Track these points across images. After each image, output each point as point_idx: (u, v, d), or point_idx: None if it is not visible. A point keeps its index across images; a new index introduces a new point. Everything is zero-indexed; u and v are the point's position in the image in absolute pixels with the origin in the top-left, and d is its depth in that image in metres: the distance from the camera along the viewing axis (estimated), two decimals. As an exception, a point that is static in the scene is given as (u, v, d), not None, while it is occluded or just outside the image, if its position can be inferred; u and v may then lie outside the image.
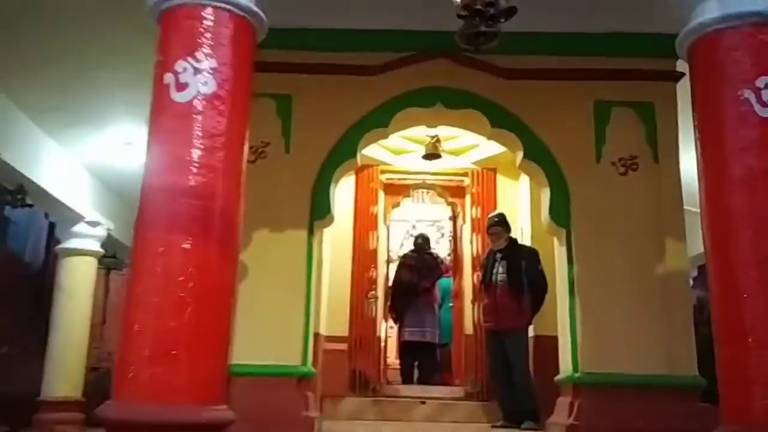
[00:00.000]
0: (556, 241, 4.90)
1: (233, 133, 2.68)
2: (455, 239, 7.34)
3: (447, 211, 8.29)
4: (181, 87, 2.59)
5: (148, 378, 2.34)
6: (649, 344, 4.34)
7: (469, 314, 6.59)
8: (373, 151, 6.72)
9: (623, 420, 4.11)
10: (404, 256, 7.57)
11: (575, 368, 4.41)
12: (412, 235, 9.76)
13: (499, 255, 5.74)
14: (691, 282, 5.34)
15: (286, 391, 4.32)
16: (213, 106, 2.61)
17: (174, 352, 2.37)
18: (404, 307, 7.21)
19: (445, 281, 8.21)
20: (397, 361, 8.07)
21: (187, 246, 2.46)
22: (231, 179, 2.66)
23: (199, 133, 2.57)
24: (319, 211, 4.74)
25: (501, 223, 5.78)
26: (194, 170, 2.54)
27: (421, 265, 7.46)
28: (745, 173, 2.54)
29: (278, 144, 4.79)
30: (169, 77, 2.62)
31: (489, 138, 5.12)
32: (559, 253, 4.79)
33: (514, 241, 5.81)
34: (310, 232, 4.69)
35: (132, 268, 2.49)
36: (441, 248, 9.85)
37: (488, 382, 6.14)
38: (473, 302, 6.54)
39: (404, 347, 7.27)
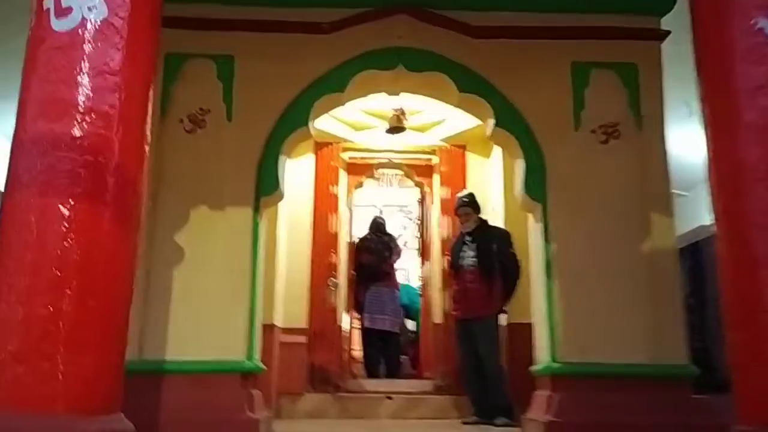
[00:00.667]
0: (531, 218, 4.43)
1: (132, 72, 2.14)
2: (423, 222, 6.85)
3: (415, 196, 7.84)
4: (63, 12, 2.04)
5: (12, 380, 1.80)
6: (635, 330, 3.90)
7: (438, 302, 6.11)
8: (333, 126, 6.22)
9: (607, 415, 3.66)
10: (362, 239, 7.07)
11: (553, 358, 3.95)
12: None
13: (468, 238, 5.29)
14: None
15: (228, 389, 3.79)
16: (104, 36, 2.06)
17: (46, 346, 1.83)
18: (364, 292, 6.74)
19: (414, 292, 7.76)
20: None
21: (66, 211, 1.92)
22: (129, 131, 2.12)
23: (86, 71, 2.02)
24: (266, 187, 4.20)
25: (470, 203, 5.32)
26: (78, 117, 1.99)
27: (380, 247, 6.98)
28: (760, 117, 2.07)
29: (219, 111, 4.24)
30: (48, 0, 2.07)
31: (457, 105, 4.62)
32: (535, 230, 4.32)
33: (484, 222, 5.34)
34: (256, 210, 4.16)
35: (-2, 240, 1.94)
36: (408, 235, 9.40)
37: (459, 374, 5.67)
38: (442, 289, 6.06)
39: (366, 336, 6.77)
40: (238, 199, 4.11)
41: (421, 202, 6.98)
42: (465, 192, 5.45)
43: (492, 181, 6.12)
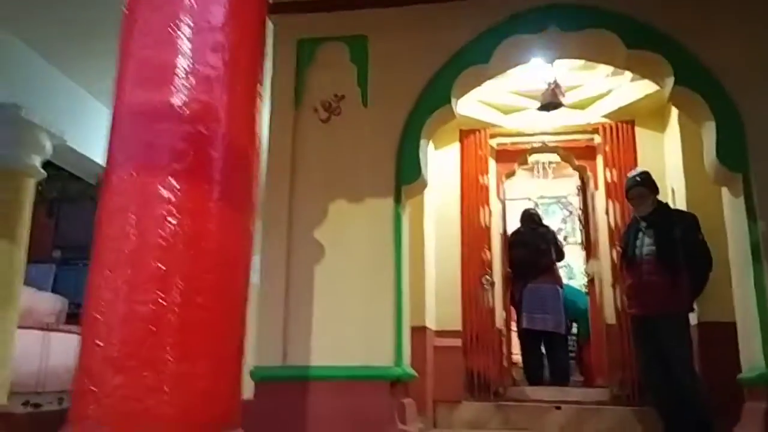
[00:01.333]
0: (725, 194, 3.63)
1: (237, 30, 1.81)
2: (586, 212, 6.12)
3: (573, 186, 7.10)
4: (159, -37, 1.76)
5: (111, 392, 1.52)
6: None
7: (610, 300, 5.37)
8: (479, 111, 5.72)
9: None
10: (515, 233, 6.47)
11: (770, 363, 3.15)
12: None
13: (644, 224, 4.52)
14: None
15: (376, 398, 3.43)
16: (202, -12, 1.76)
17: (150, 352, 1.54)
18: (521, 290, 6.13)
19: (576, 291, 7.02)
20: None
21: (166, 192, 1.62)
22: (235, 97, 1.79)
23: (187, 26, 1.72)
24: (408, 175, 3.81)
25: (645, 182, 4.54)
26: (177, 82, 1.69)
27: (536, 241, 6.34)
28: None
29: (354, 96, 3.92)
30: (143, -46, 1.80)
31: (624, 67, 3.96)
32: (733, 207, 3.53)
33: (663, 205, 4.55)
34: (398, 201, 3.77)
35: (95, 228, 1.68)
36: (568, 228, 8.62)
37: (640, 383, 4.91)
38: (614, 285, 5.31)
39: (525, 338, 6.14)
40: (378, 190, 3.76)
41: (582, 189, 6.24)
42: (638, 170, 4.69)
43: (669, 159, 5.29)
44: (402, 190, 3.80)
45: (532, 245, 6.28)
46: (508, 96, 5.73)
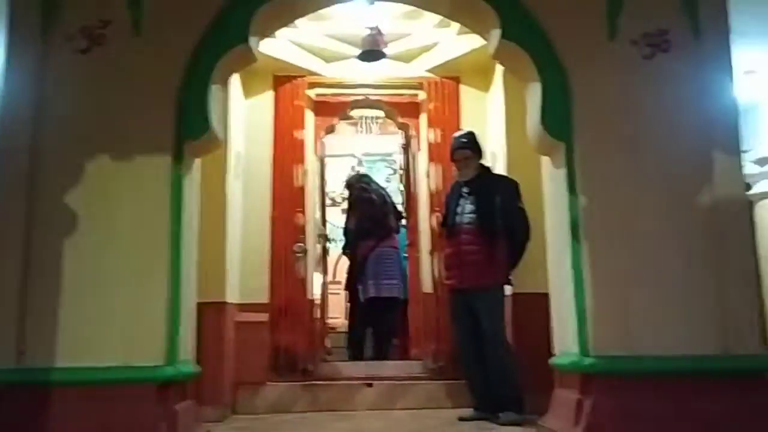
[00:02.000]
0: (547, 163, 3.35)
1: None
2: (407, 172, 5.75)
3: (399, 143, 6.72)
4: None
5: None
6: (697, 310, 2.89)
7: (428, 267, 5.07)
8: (296, 56, 5.07)
9: (663, 426, 2.67)
10: (361, 189, 6.00)
11: (583, 350, 2.92)
12: (358, 173, 8.21)
13: (466, 189, 4.21)
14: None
15: (137, 405, 2.75)
16: None
17: None
18: (366, 254, 5.68)
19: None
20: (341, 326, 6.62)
21: None
22: None
23: None
24: (191, 128, 3.09)
25: (470, 144, 4.22)
26: None
27: (381, 200, 5.94)
28: None
29: (123, 23, 3.08)
30: None
31: (448, 15, 3.51)
32: (554, 178, 3.25)
33: (486, 170, 4.26)
34: (178, 159, 3.05)
35: None
36: (393, 188, 8.31)
37: (454, 356, 4.68)
38: (431, 252, 5.01)
39: (367, 308, 5.69)
40: (151, 145, 3.00)
41: (406, 148, 5.86)
42: (463, 131, 4.35)
43: (491, 121, 5.02)
44: (184, 146, 3.08)
45: (379, 204, 5.87)
46: (327, 41, 5.12)
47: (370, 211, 5.81)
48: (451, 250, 4.21)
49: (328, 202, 7.91)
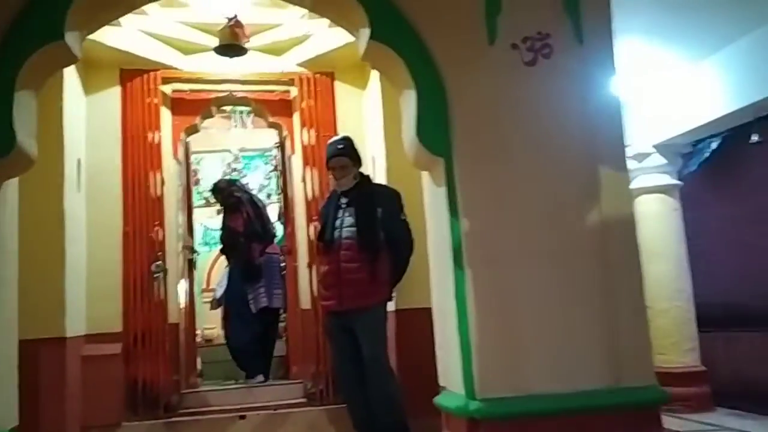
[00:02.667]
0: (427, 180, 3.01)
1: None
2: (284, 175, 5.29)
3: (274, 139, 6.23)
4: None
5: None
6: (586, 341, 2.66)
7: (306, 281, 4.66)
8: (146, 47, 4.47)
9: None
10: (229, 195, 5.48)
11: (469, 391, 2.62)
12: (235, 170, 7.64)
13: (344, 200, 3.82)
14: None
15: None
16: None
17: None
18: (257, 258, 5.20)
19: None
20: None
21: None
22: None
23: None
24: (-9, 146, 2.47)
25: (347, 151, 3.83)
26: None
27: (260, 205, 5.54)
28: None
29: None
30: None
31: (311, 8, 3.06)
32: (434, 197, 2.92)
33: (365, 179, 3.89)
34: (-27, 187, 2.44)
35: None
36: (273, 185, 7.79)
37: (335, 379, 4.32)
38: (310, 265, 4.59)
39: (255, 320, 5.16)
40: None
41: (281, 148, 5.39)
42: (340, 136, 3.94)
43: (369, 121, 4.66)
44: (-18, 170, 2.46)
45: (261, 209, 5.43)
46: (184, 30, 4.54)
47: (257, 213, 5.35)
48: (328, 268, 3.81)
49: (200, 202, 7.30)
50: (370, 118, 4.62)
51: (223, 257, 5.94)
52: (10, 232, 2.75)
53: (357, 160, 3.88)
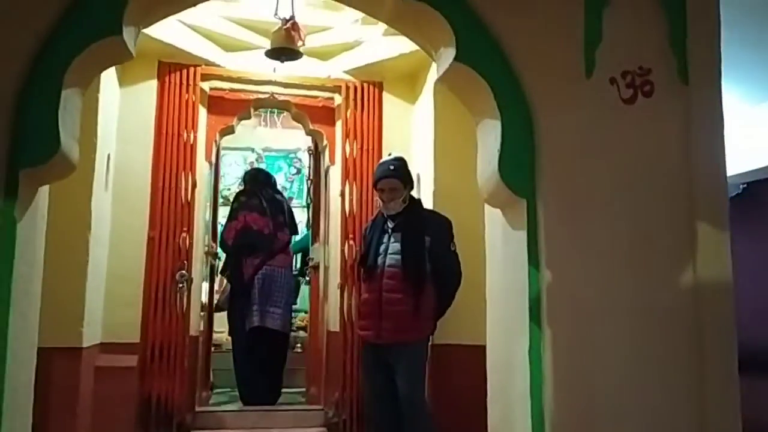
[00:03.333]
0: (499, 220, 2.72)
1: None
2: (317, 186, 5.02)
3: (305, 140, 5.97)
4: None
5: None
6: (674, 414, 2.38)
7: (336, 303, 4.38)
8: (189, 41, 4.20)
9: None
10: (243, 193, 5.18)
11: (539, 461, 2.35)
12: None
13: (390, 224, 3.57)
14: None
15: None
16: None
17: None
18: (253, 274, 4.84)
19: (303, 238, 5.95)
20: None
21: None
22: None
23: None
24: (31, 151, 2.20)
25: (399, 173, 3.58)
26: None
27: (273, 209, 5.08)
28: None
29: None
30: None
31: (389, 22, 2.78)
32: (510, 241, 2.64)
33: (416, 203, 3.64)
34: (11, 195, 2.16)
35: None
36: (295, 189, 7.53)
37: (361, 409, 4.06)
38: (342, 286, 4.31)
39: (250, 343, 4.80)
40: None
41: (315, 157, 5.12)
42: (392, 156, 3.68)
43: (418, 137, 4.39)
44: (21, 176, 2.19)
45: (270, 214, 4.99)
46: (229, 27, 4.27)
47: (257, 224, 4.96)
48: (369, 296, 3.57)
49: (220, 201, 7.02)
50: (419, 134, 4.35)
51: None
52: (39, 243, 2.47)
53: (408, 182, 3.63)
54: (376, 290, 3.50)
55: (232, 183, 7.35)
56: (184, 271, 4.07)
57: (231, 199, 7.26)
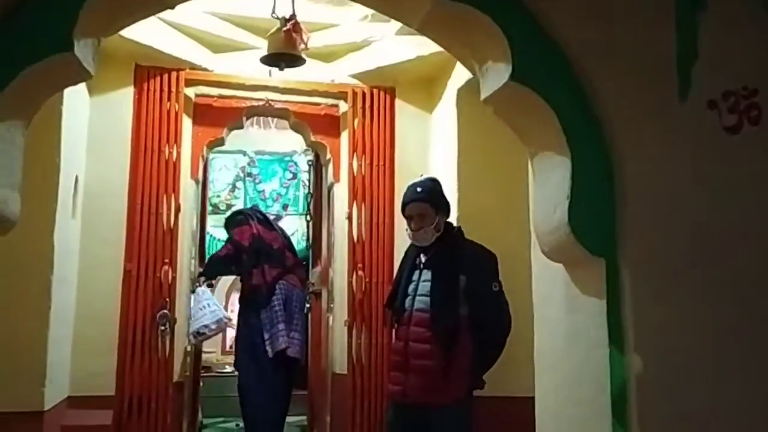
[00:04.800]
0: (564, 279, 2.15)
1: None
2: (318, 203, 4.45)
3: (301, 142, 5.38)
4: None
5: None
6: None
7: (342, 341, 3.83)
8: (170, 40, 3.58)
9: None
10: (255, 210, 4.64)
11: None
12: (249, 175, 6.77)
13: (423, 258, 3.00)
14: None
15: None
16: None
17: None
18: (271, 284, 4.25)
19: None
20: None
21: None
22: None
23: None
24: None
25: (427, 196, 3.00)
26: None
27: (282, 233, 4.58)
28: None
29: None
30: None
31: (421, 27, 2.18)
32: (579, 309, 2.07)
33: (453, 233, 3.06)
34: None
35: None
36: (289, 195, 6.91)
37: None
38: (350, 325, 3.75)
39: (268, 374, 4.13)
40: None
41: (316, 169, 4.55)
42: (423, 177, 3.10)
43: (436, 152, 3.83)
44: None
45: (281, 233, 4.52)
46: (218, 24, 3.67)
47: (267, 236, 4.40)
48: (396, 344, 3.03)
49: (209, 209, 6.42)
50: (438, 148, 3.79)
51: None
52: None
53: (442, 208, 3.04)
54: (403, 338, 2.94)
55: (221, 189, 6.75)
56: (166, 310, 3.49)
57: (220, 207, 6.74)
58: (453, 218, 3.45)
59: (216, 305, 4.58)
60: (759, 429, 1.88)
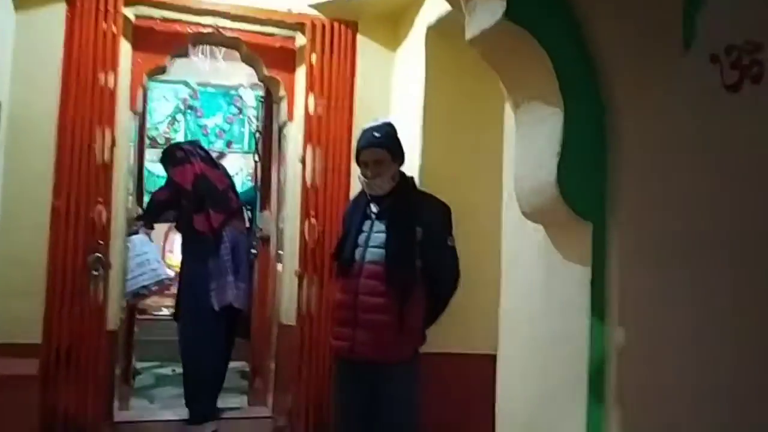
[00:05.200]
0: (544, 243, 2.00)
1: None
2: (268, 143, 4.17)
3: (249, 76, 5.10)
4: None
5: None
6: None
7: (292, 292, 3.64)
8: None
9: None
10: (196, 146, 4.32)
11: None
12: (191, 107, 6.38)
13: (375, 208, 2.83)
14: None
15: None
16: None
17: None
18: (218, 230, 3.98)
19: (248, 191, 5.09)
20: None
21: None
22: None
23: None
24: None
25: (386, 142, 2.82)
26: None
27: (225, 172, 4.30)
28: None
29: None
30: None
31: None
32: (558, 277, 1.93)
33: (407, 183, 2.89)
34: None
35: None
36: (235, 131, 6.57)
37: (318, 420, 3.42)
38: (300, 275, 3.56)
39: (220, 321, 3.98)
40: None
41: (267, 105, 4.24)
42: (379, 122, 2.89)
43: (401, 95, 3.59)
44: None
45: (224, 172, 4.28)
46: (162, -64, 3.26)
47: (211, 175, 4.13)
48: (343, 298, 2.86)
49: (147, 143, 6.02)
50: (402, 90, 3.55)
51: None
52: None
53: (399, 155, 2.86)
54: (352, 291, 2.78)
55: (159, 121, 6.34)
56: (99, 254, 3.20)
57: (159, 141, 6.33)
58: (415, 168, 3.28)
59: (158, 261, 4.34)
60: (749, 410, 1.80)
